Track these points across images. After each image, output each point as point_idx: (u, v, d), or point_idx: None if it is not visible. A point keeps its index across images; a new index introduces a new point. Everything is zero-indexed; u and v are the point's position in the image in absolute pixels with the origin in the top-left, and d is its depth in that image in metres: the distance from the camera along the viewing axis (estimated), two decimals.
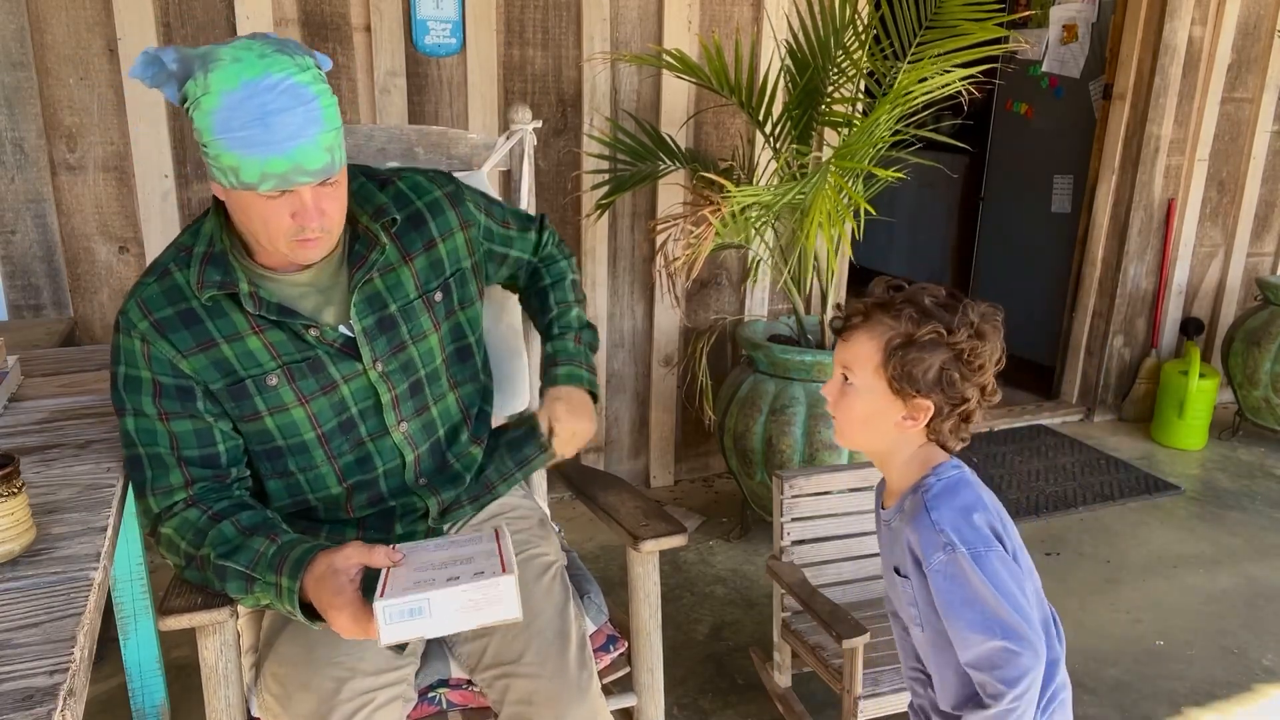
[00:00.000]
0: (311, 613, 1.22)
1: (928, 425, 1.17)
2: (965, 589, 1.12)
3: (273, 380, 1.32)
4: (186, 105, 1.18)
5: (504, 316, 1.76)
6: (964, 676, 1.19)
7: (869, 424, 1.20)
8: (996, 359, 1.17)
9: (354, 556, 1.20)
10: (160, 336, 1.28)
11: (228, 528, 1.27)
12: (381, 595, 1.12)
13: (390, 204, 1.38)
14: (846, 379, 1.19)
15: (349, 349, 1.35)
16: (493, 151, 1.81)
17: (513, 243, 1.58)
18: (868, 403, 1.18)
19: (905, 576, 1.20)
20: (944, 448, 1.21)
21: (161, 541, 1.30)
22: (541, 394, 1.51)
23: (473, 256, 1.50)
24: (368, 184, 1.41)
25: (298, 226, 1.22)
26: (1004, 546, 1.15)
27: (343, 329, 1.35)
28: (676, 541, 1.50)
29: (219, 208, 1.31)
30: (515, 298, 1.73)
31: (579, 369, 1.53)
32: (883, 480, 1.30)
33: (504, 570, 1.15)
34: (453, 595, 1.11)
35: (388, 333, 1.38)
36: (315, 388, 1.34)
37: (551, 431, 1.44)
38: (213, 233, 1.31)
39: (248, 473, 1.38)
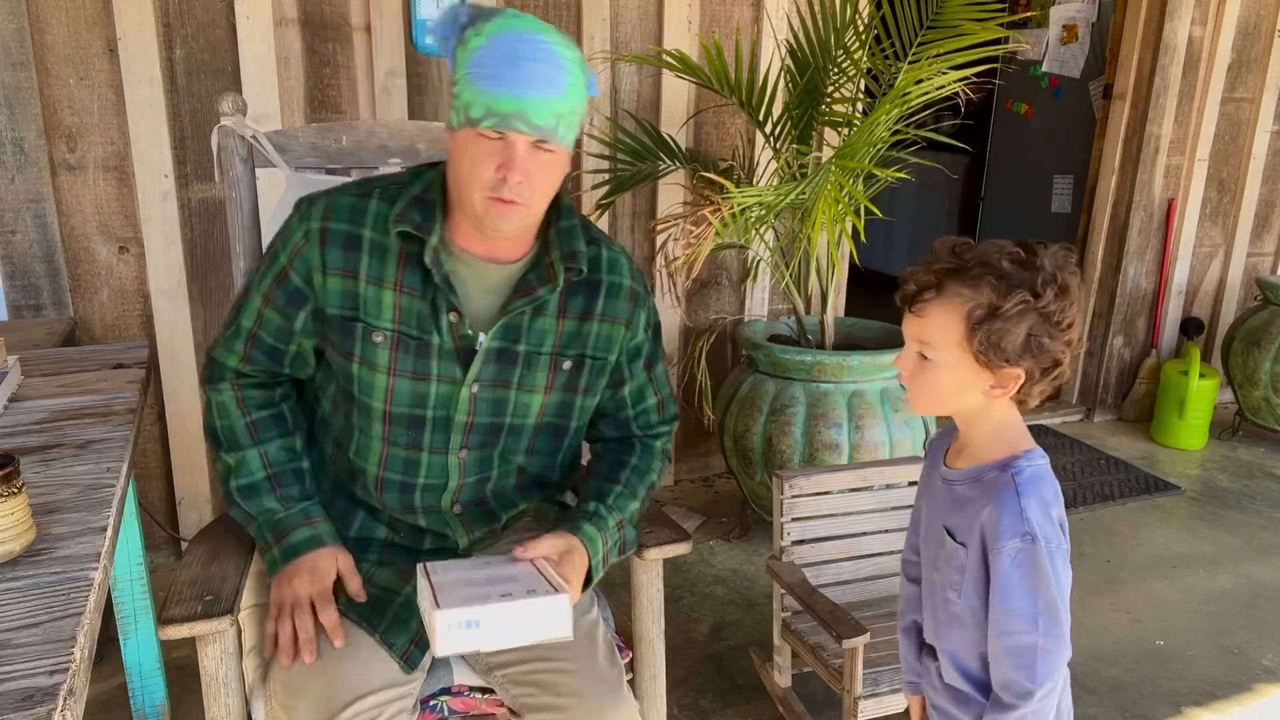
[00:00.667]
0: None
1: (1018, 390, 1.13)
2: (1030, 579, 1.10)
3: (378, 338, 1.32)
4: (455, 48, 1.25)
5: None
6: (972, 654, 1.19)
7: (956, 396, 1.14)
8: (1081, 308, 1.12)
9: (334, 572, 1.33)
10: (318, 243, 1.31)
11: (254, 459, 1.38)
12: (438, 606, 1.11)
13: (584, 256, 1.36)
14: (922, 355, 1.13)
15: (464, 355, 1.34)
16: None
17: (636, 379, 1.49)
18: (952, 377, 1.12)
19: (961, 543, 1.16)
20: (1022, 404, 1.16)
21: (209, 403, 1.41)
22: (553, 528, 1.39)
23: (617, 356, 1.45)
24: (577, 229, 1.38)
25: (499, 179, 1.22)
26: None
27: (477, 335, 1.34)
28: (680, 549, 1.50)
29: (442, 169, 1.36)
30: None
31: (599, 549, 1.39)
32: (943, 434, 1.28)
33: (555, 591, 1.16)
34: (508, 610, 1.12)
35: (502, 364, 1.35)
36: (409, 368, 1.33)
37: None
38: (433, 181, 1.34)
39: (293, 393, 1.46)
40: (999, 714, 1.15)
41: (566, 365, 1.40)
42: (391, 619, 1.34)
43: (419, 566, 1.27)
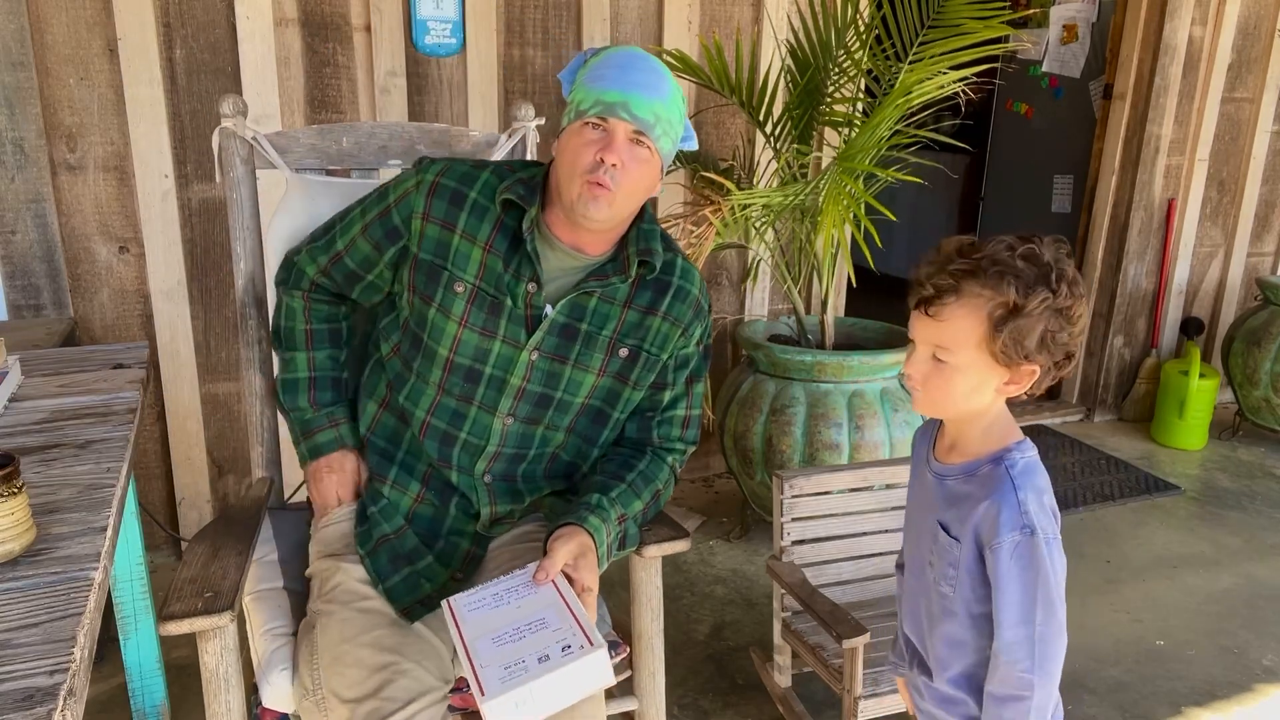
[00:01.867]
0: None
1: (1031, 385, 1.14)
2: (1029, 571, 1.10)
3: (459, 288, 1.42)
4: (578, 71, 1.40)
5: None
6: (963, 651, 1.19)
7: (969, 397, 1.14)
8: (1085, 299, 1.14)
9: (356, 468, 1.55)
10: (427, 194, 1.42)
11: (303, 361, 1.56)
12: (484, 695, 1.11)
13: (659, 256, 1.44)
14: (937, 358, 1.12)
15: (531, 322, 1.42)
16: (495, 149, 1.82)
17: (675, 388, 1.53)
18: (969, 378, 1.12)
19: (955, 538, 1.17)
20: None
21: (280, 303, 1.59)
22: (552, 527, 1.38)
23: (669, 358, 1.50)
24: (658, 232, 1.48)
25: (597, 162, 1.32)
26: None
27: (545, 306, 1.43)
28: (680, 547, 1.50)
29: (547, 168, 1.47)
30: None
31: (603, 540, 1.38)
32: (926, 426, 1.28)
33: (590, 642, 1.15)
34: (553, 681, 1.12)
35: (563, 339, 1.43)
36: (479, 323, 1.42)
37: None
38: (539, 171, 1.46)
39: (353, 311, 1.61)
40: (1000, 707, 1.15)
41: (623, 353, 1.46)
42: (400, 580, 1.43)
43: (445, 603, 1.28)
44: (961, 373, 1.12)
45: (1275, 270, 4.15)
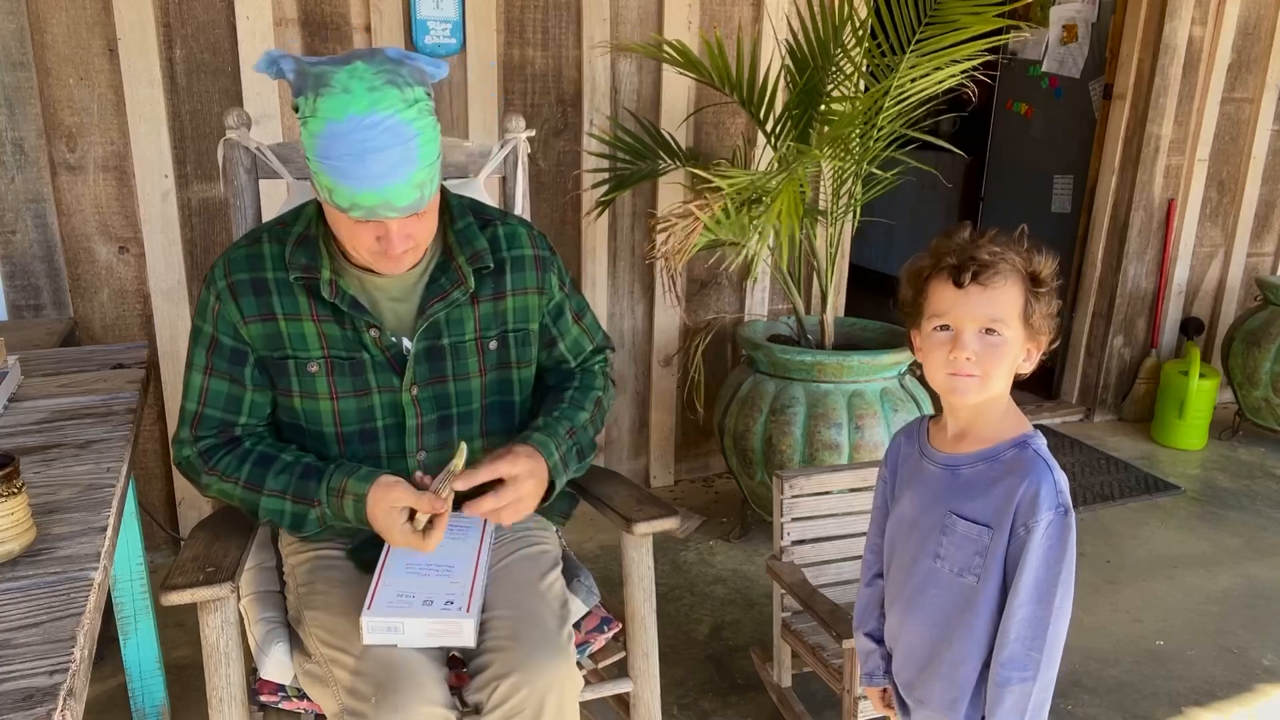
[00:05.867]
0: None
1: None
2: (1056, 550, 1.12)
3: (313, 368, 1.39)
4: (298, 115, 1.26)
5: None
6: (967, 646, 1.20)
7: (1009, 373, 1.16)
8: None
9: (402, 500, 1.32)
10: (231, 299, 1.37)
11: (273, 501, 1.39)
12: (369, 608, 1.29)
13: (487, 251, 1.44)
14: (991, 331, 1.12)
15: (396, 363, 1.41)
16: (488, 160, 1.86)
17: (569, 335, 1.58)
18: (1015, 351, 1.14)
19: (983, 525, 1.16)
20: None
21: (211, 493, 1.43)
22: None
23: (539, 322, 1.52)
24: (473, 225, 1.46)
25: (380, 250, 1.30)
26: None
27: (402, 341, 1.41)
28: (669, 524, 1.51)
29: (317, 204, 1.40)
30: None
31: (553, 451, 1.42)
32: (912, 426, 1.30)
33: (469, 609, 1.30)
34: (423, 624, 1.29)
35: (432, 362, 1.43)
36: (349, 388, 1.40)
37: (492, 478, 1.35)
38: (312, 218, 1.40)
39: (260, 426, 1.46)
40: (1004, 689, 1.15)
41: (492, 345, 1.47)
42: (361, 542, 1.47)
43: (386, 546, 1.39)
44: (1010, 346, 1.13)
45: (1275, 270, 4.15)
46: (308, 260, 1.36)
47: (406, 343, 1.41)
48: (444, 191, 1.45)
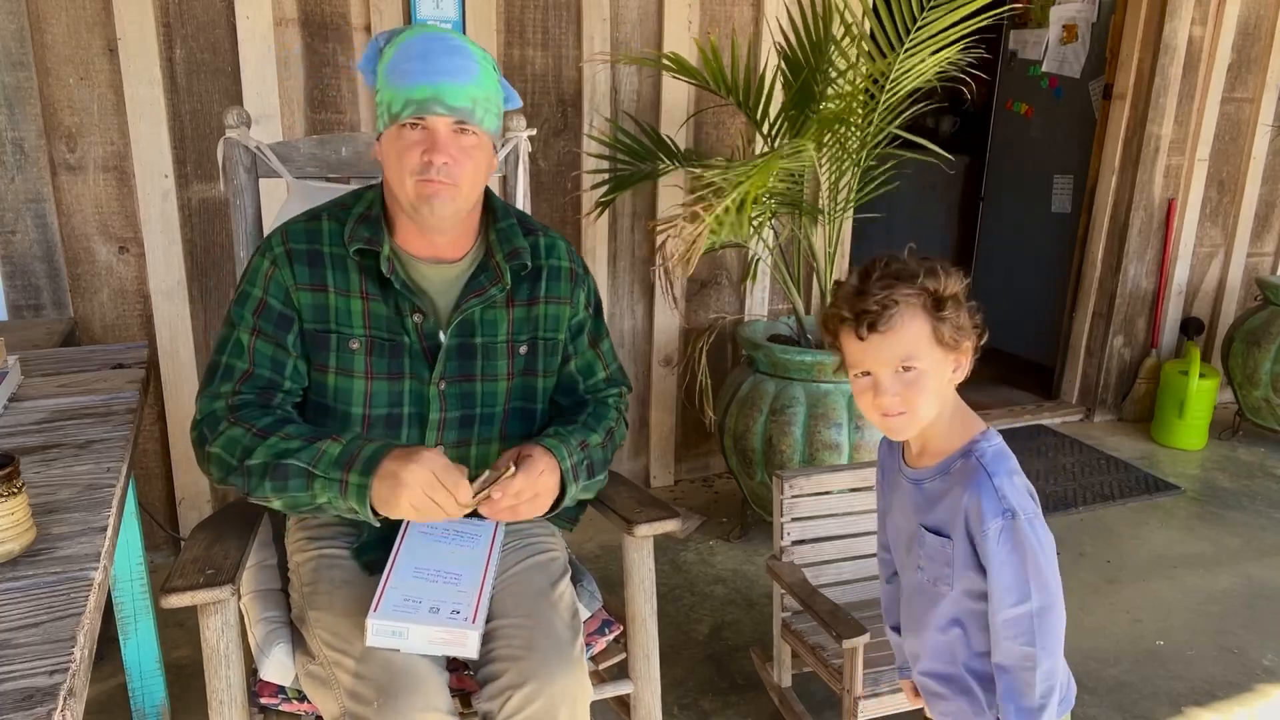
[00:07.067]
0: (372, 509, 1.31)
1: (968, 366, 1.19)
2: (1017, 552, 1.14)
3: (354, 345, 1.40)
4: (377, 67, 1.34)
5: None
6: (959, 645, 1.21)
7: (939, 395, 1.18)
8: None
9: (452, 475, 1.27)
10: (286, 264, 1.39)
11: (276, 441, 1.31)
12: (375, 610, 1.28)
13: (526, 249, 1.46)
14: (907, 369, 1.15)
15: (429, 353, 1.42)
16: None
17: (582, 355, 1.57)
18: (936, 376, 1.17)
19: (945, 536, 1.20)
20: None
21: (211, 460, 1.35)
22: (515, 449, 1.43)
23: (564, 334, 1.54)
24: (515, 226, 1.49)
25: (425, 164, 1.30)
26: None
27: (439, 333, 1.43)
28: (670, 526, 1.52)
29: (380, 187, 1.45)
30: None
31: (565, 456, 1.41)
32: (888, 440, 1.31)
33: (474, 620, 1.29)
34: (427, 631, 1.28)
35: (463, 359, 1.44)
36: (385, 370, 1.41)
37: (505, 471, 1.34)
38: (373, 199, 1.44)
39: (298, 398, 1.43)
40: (1008, 676, 1.17)
41: (522, 350, 1.48)
42: (365, 542, 1.47)
43: (405, 525, 1.41)
44: (929, 374, 1.16)
45: (1275, 270, 4.15)
46: (370, 234, 1.39)
47: (443, 335, 1.43)
48: (490, 194, 1.49)
